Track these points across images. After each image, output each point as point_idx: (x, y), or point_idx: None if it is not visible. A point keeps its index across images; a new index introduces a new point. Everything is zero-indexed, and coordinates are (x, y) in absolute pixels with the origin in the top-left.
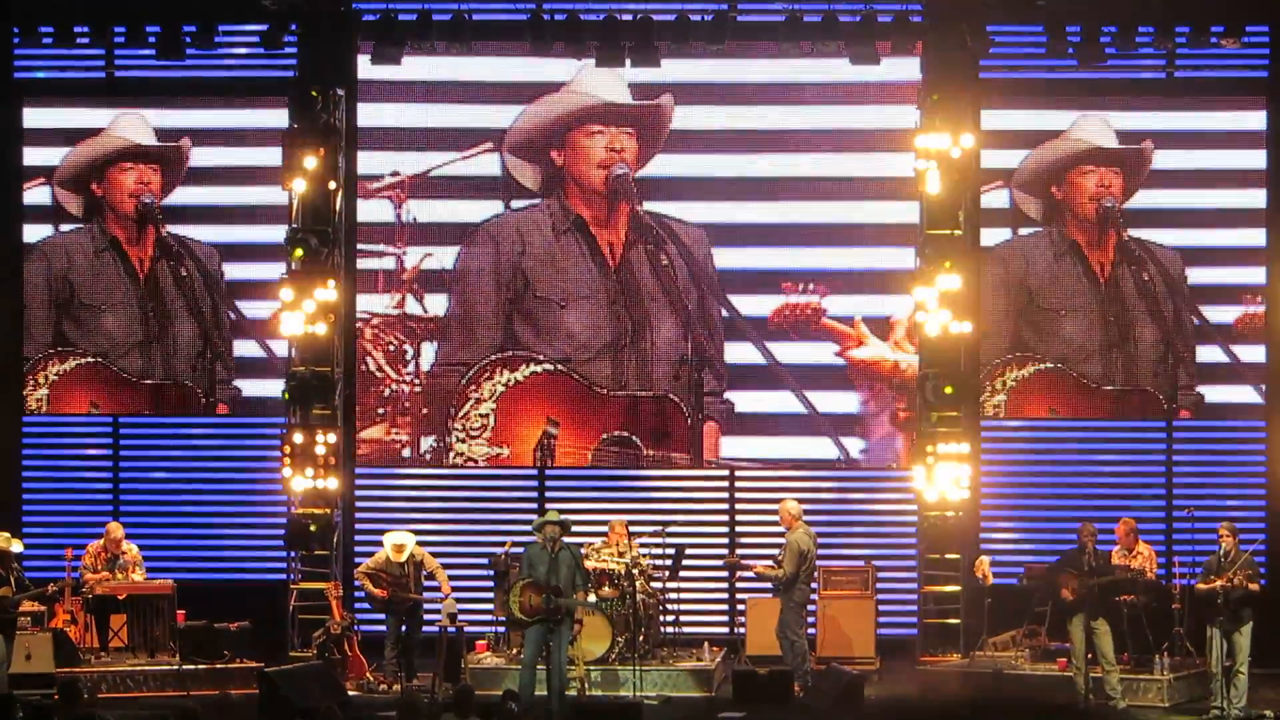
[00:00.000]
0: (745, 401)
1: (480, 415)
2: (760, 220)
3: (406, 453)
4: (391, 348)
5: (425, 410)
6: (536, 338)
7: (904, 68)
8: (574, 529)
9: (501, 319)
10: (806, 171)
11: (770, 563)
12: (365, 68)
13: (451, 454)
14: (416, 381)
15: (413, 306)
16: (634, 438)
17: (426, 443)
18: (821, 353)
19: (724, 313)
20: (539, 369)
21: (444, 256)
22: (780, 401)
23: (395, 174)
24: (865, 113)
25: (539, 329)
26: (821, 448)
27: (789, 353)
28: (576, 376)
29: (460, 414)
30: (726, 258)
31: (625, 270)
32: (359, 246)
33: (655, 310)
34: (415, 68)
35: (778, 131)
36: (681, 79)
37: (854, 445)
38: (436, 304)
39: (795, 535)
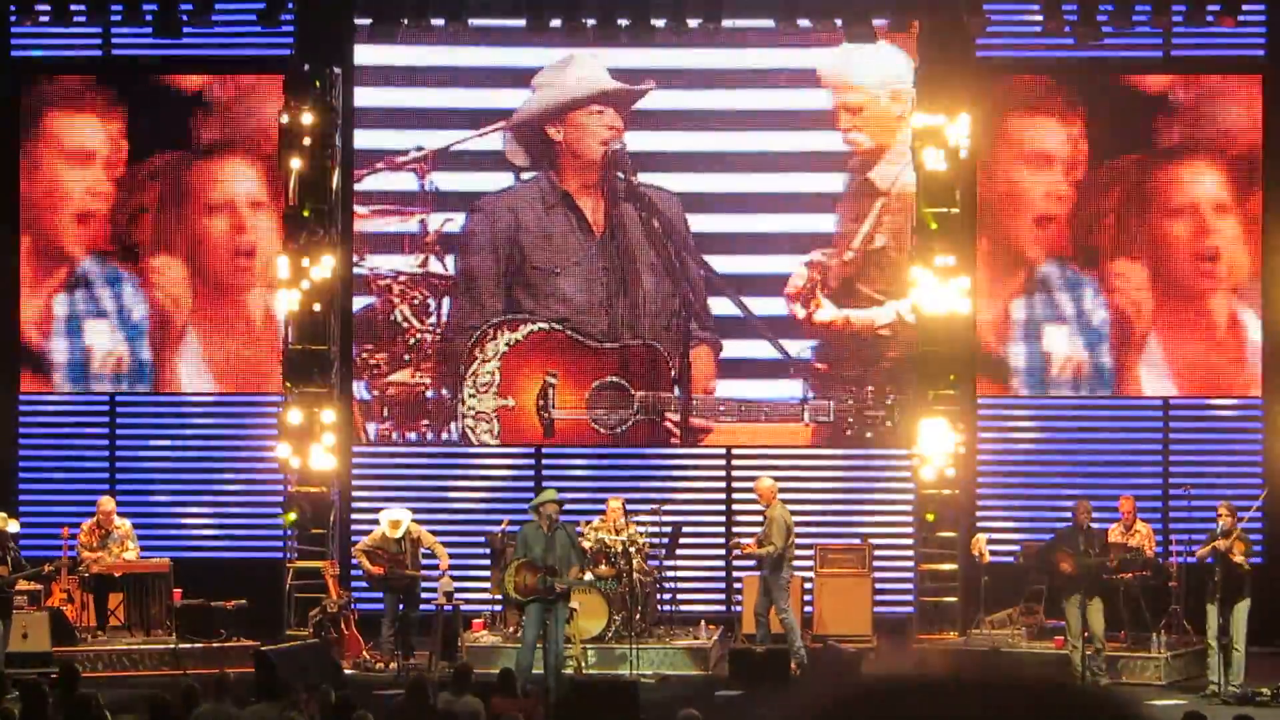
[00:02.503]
0: (726, 349)
1: (487, 372)
2: (730, 189)
3: (430, 394)
4: (416, 301)
5: (443, 364)
6: (535, 303)
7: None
8: (572, 508)
9: (503, 288)
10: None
11: (751, 540)
12: (362, 48)
13: (463, 406)
14: (438, 331)
15: (435, 266)
16: (624, 381)
17: (445, 392)
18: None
19: (701, 271)
20: (536, 328)
21: (460, 222)
22: (757, 349)
23: (420, 148)
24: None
25: (537, 296)
26: (793, 388)
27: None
28: (569, 332)
29: (469, 372)
30: (700, 222)
31: (610, 236)
32: (369, 210)
33: (641, 269)
34: (409, 54)
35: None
36: (665, 65)
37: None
38: (453, 264)
39: (778, 510)
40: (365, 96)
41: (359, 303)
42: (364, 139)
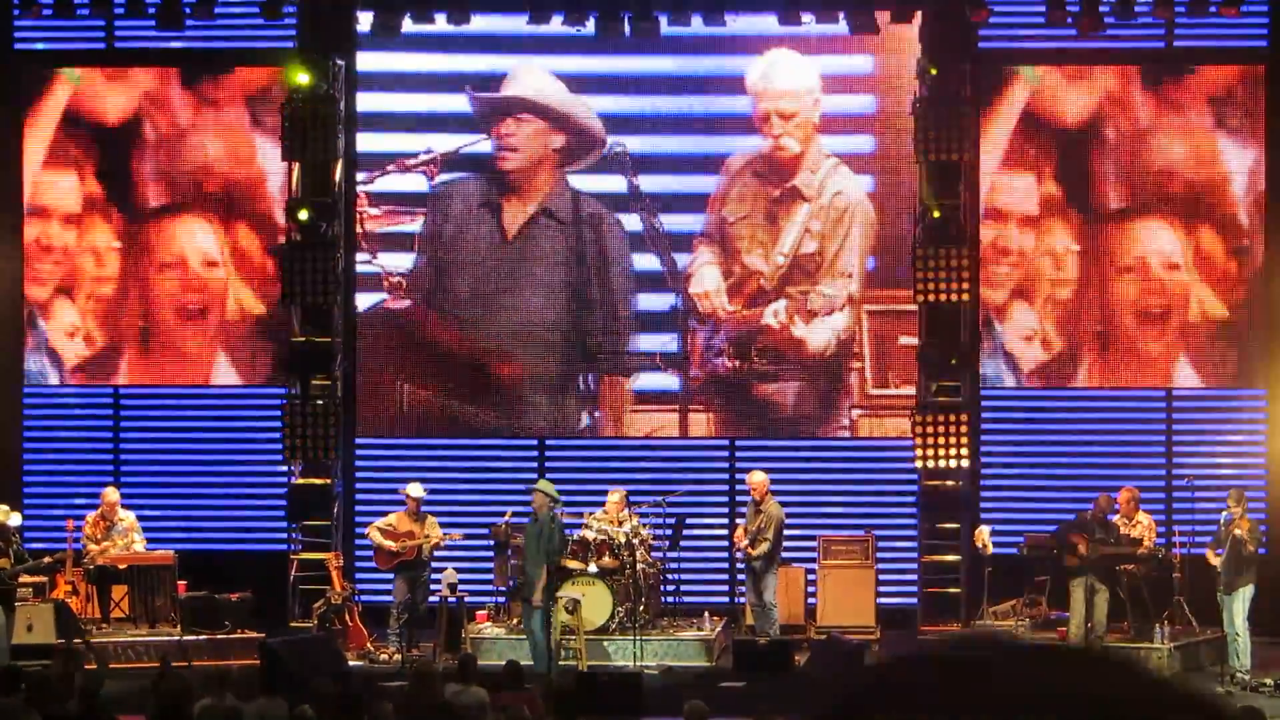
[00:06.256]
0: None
1: None
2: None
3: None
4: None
5: None
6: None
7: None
8: (575, 500)
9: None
10: None
11: (740, 530)
12: (366, 55)
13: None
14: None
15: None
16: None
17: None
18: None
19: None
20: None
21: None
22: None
23: (429, 150)
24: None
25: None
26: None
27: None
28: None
29: None
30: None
31: (522, 242)
32: (381, 211)
33: (548, 285)
34: (411, 60)
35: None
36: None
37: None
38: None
39: (774, 508)
40: (368, 102)
41: (369, 299)
42: (369, 142)
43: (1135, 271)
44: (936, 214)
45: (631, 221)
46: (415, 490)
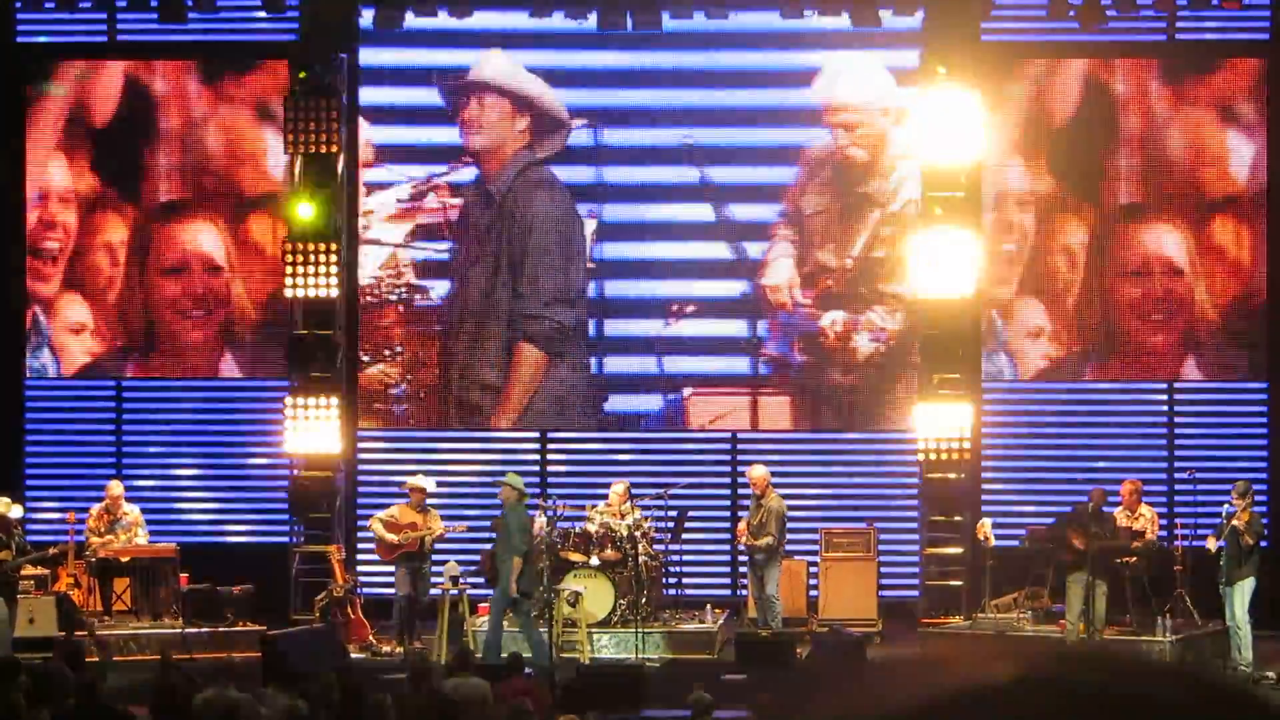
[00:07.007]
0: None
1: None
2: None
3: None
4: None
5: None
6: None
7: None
8: (578, 493)
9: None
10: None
11: (742, 525)
12: (369, 50)
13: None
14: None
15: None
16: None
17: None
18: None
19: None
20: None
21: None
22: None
23: (429, 178)
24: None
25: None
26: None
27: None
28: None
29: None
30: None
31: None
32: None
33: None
34: (416, 55)
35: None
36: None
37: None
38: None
39: (775, 501)
40: (373, 95)
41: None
42: (378, 134)
43: (1139, 267)
44: (939, 211)
45: (703, 211)
46: (421, 482)
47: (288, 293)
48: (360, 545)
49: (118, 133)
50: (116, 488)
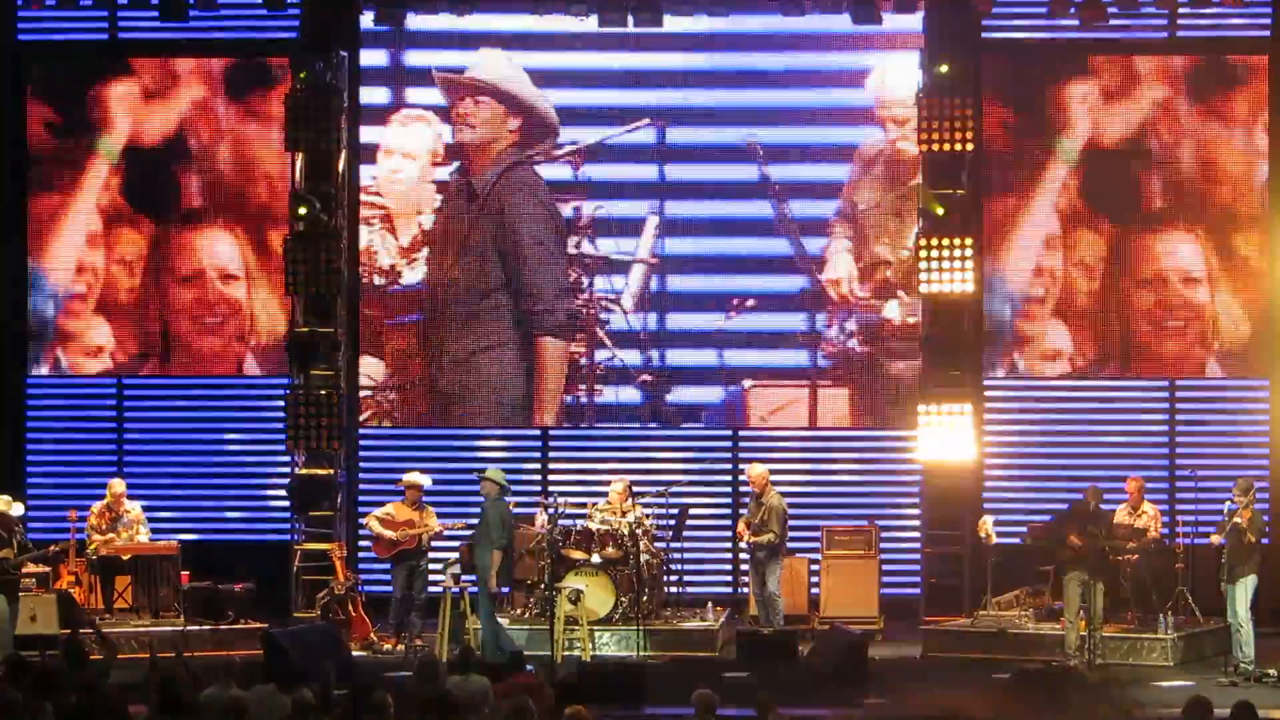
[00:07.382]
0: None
1: None
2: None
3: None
4: (572, 277)
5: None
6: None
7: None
8: (578, 490)
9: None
10: None
11: (742, 525)
12: (370, 51)
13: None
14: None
15: (586, 247)
16: None
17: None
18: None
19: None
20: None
21: (612, 208)
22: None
23: (574, 142)
24: None
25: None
26: None
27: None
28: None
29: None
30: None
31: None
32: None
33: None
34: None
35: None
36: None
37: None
38: (605, 245)
39: (775, 499)
40: (377, 94)
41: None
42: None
43: (1148, 274)
44: (939, 209)
45: (763, 208)
46: (418, 479)
47: (289, 291)
48: (361, 543)
49: (143, 154)
50: (119, 486)
